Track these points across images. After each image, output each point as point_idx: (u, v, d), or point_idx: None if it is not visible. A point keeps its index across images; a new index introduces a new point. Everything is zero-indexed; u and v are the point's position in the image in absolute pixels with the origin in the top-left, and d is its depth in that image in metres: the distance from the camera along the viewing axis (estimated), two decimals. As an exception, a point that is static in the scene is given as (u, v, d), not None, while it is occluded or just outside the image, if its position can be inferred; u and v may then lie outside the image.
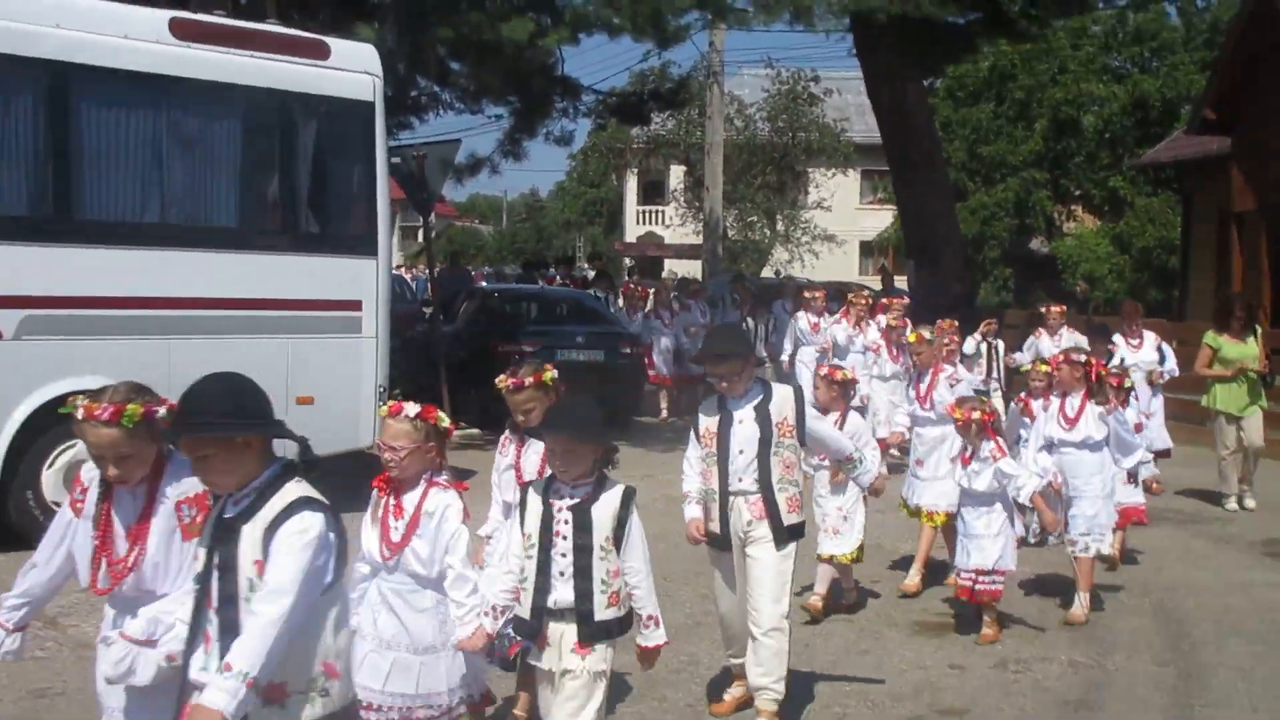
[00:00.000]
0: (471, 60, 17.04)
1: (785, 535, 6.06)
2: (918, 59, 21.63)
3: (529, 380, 5.71)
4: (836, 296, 17.78)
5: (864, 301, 15.33)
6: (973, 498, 7.77)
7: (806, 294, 17.26)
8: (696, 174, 38.98)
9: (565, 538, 4.79)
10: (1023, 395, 9.15)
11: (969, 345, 13.98)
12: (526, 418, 5.75)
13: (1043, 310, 14.77)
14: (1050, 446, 8.41)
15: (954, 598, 8.22)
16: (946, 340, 10.31)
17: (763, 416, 6.03)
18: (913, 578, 8.85)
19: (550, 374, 5.76)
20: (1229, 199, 23.23)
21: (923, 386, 9.25)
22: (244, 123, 10.42)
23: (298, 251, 10.60)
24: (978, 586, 7.70)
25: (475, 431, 14.67)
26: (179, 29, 9.87)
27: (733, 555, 6.15)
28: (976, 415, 7.67)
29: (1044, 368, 9.01)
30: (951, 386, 9.11)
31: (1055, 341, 13.44)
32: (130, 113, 9.77)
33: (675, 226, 48.71)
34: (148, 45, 9.66)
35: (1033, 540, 8.55)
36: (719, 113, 29.73)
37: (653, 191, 58.05)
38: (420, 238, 57.62)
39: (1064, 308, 14.94)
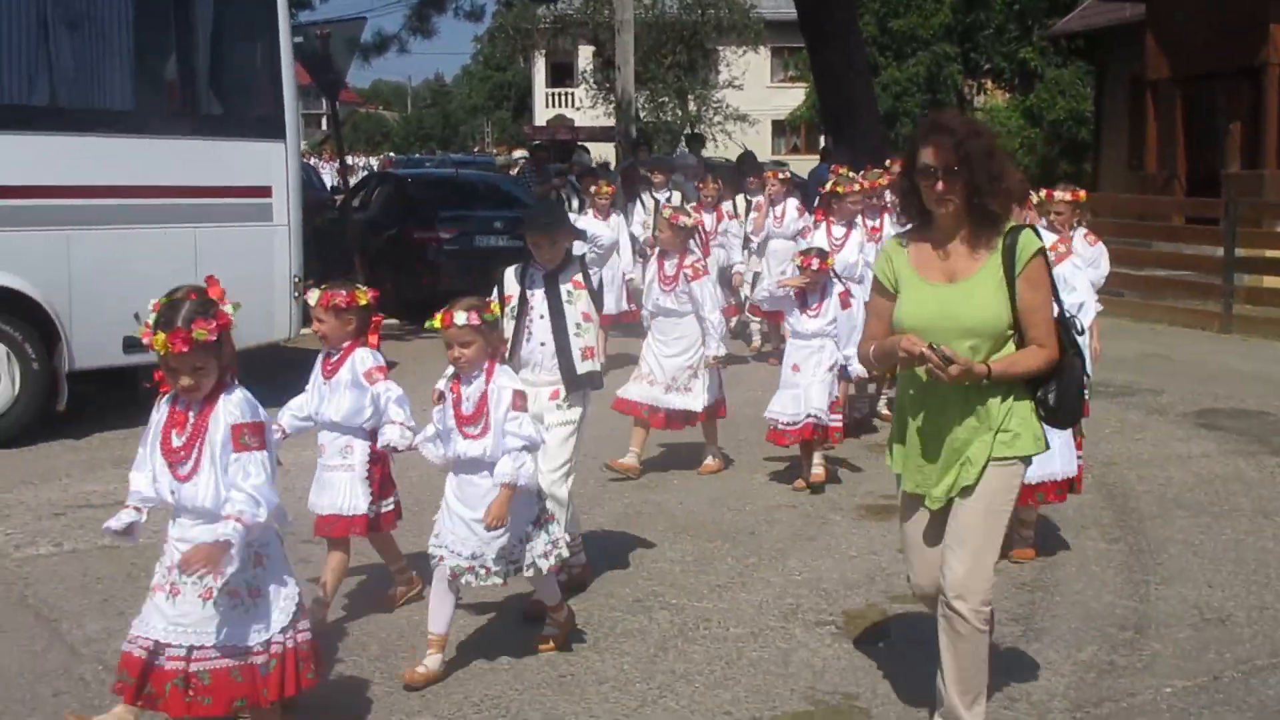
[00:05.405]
0: (375, -67, 16.36)
1: None
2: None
3: None
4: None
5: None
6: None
7: None
8: (606, 54, 38.20)
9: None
10: None
11: None
12: None
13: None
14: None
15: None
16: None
17: None
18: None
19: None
20: (1143, 67, 23.07)
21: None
22: (137, -1, 9.78)
23: (202, 135, 10.02)
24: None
25: (394, 322, 14.27)
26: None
27: None
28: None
29: None
30: None
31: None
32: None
33: (586, 109, 47.92)
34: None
35: None
36: (628, -11, 28.98)
37: (561, 73, 57.05)
38: (324, 125, 56.35)
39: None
